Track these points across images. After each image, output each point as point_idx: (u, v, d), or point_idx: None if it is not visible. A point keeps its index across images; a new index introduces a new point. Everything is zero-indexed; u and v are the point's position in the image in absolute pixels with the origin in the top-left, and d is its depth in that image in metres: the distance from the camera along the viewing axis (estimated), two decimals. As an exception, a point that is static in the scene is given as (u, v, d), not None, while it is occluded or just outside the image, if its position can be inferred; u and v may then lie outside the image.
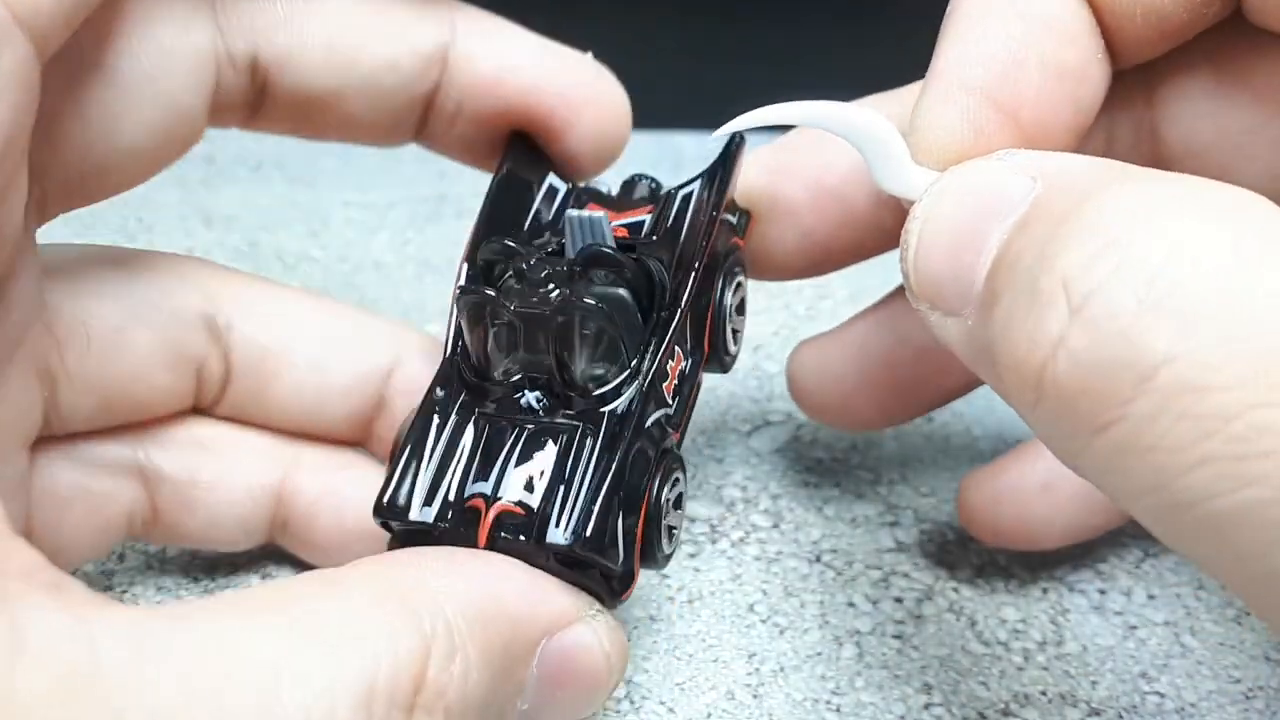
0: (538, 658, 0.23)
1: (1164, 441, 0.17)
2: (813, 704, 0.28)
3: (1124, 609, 0.31)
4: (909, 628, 0.30)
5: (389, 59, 0.26)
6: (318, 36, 0.26)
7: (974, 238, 0.20)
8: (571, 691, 0.24)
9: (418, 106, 0.28)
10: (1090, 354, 0.18)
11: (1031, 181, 0.20)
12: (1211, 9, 0.24)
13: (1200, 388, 0.16)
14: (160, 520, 0.28)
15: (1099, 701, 0.28)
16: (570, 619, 0.24)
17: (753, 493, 0.35)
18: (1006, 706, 0.28)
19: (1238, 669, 0.29)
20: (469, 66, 0.27)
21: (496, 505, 0.23)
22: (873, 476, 0.35)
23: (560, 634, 0.23)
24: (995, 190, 0.21)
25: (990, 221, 0.20)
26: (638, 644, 0.30)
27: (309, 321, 0.29)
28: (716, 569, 0.32)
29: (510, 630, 0.22)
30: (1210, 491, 0.17)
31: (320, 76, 0.26)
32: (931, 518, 0.34)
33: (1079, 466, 0.19)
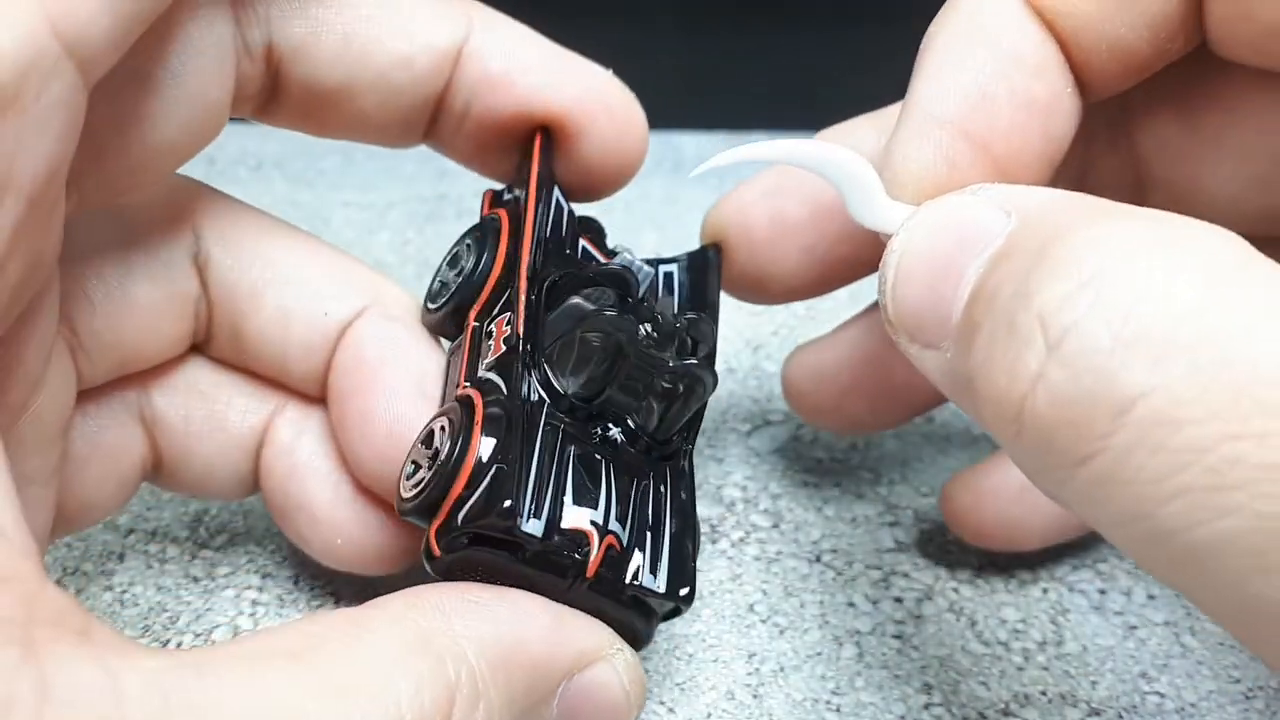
0: (559, 697, 0.23)
1: (1142, 474, 0.17)
2: (813, 704, 0.28)
3: (1124, 609, 0.31)
4: (909, 628, 0.30)
5: (404, 55, 0.26)
6: (334, 27, 0.26)
7: (951, 270, 0.21)
8: None
9: (429, 106, 0.27)
10: (1068, 388, 0.18)
11: (1006, 216, 0.21)
12: (1175, 44, 0.24)
13: (1175, 421, 0.17)
14: (164, 468, 0.28)
15: (1099, 701, 0.28)
16: (592, 659, 0.24)
17: (753, 493, 0.35)
18: (1006, 706, 0.28)
19: (1238, 669, 0.29)
20: (480, 64, 0.27)
21: (609, 537, 0.23)
22: (873, 476, 0.35)
23: (582, 673, 0.24)
24: (971, 224, 0.21)
25: (967, 254, 0.21)
26: (638, 644, 0.30)
27: (283, 262, 0.28)
28: (716, 569, 0.32)
29: (533, 672, 0.23)
30: (1188, 522, 0.17)
31: (334, 69, 0.26)
32: (931, 518, 0.34)
33: (1061, 497, 0.19)
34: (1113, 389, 0.17)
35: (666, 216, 0.49)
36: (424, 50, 0.26)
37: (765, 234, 0.30)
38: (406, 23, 0.26)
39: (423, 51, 0.26)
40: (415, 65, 0.26)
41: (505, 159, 0.29)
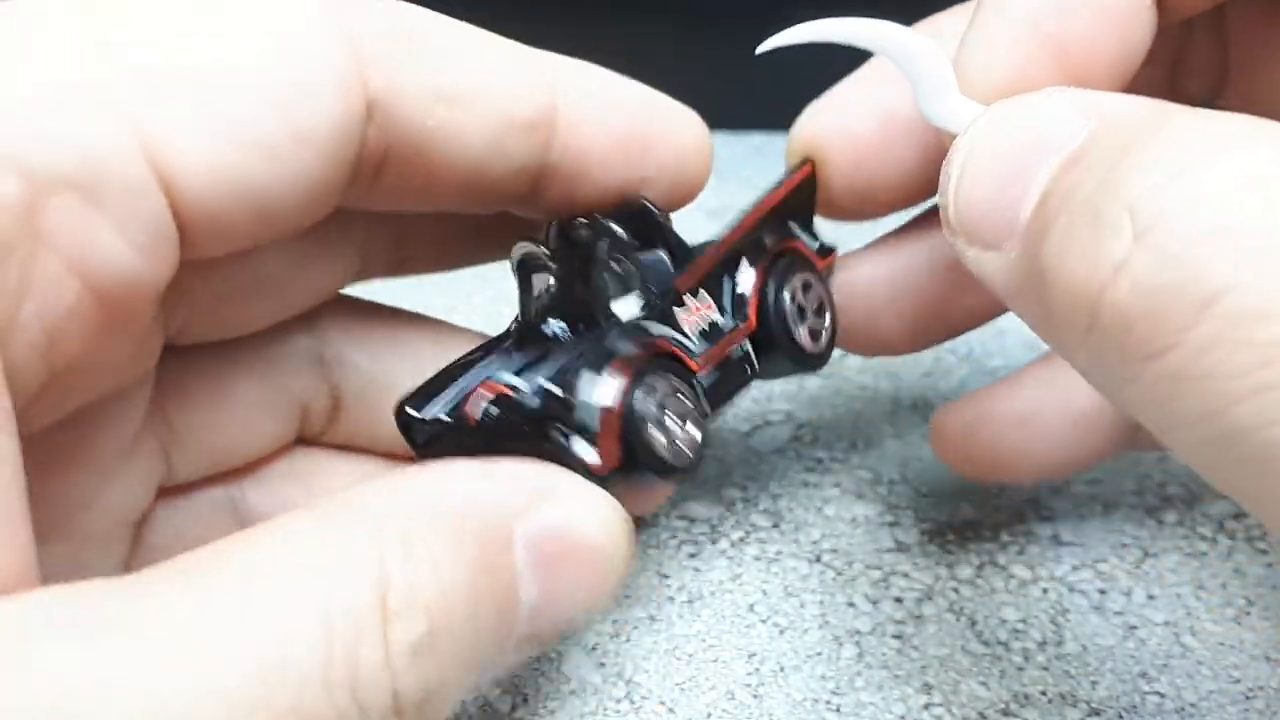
0: (521, 543, 0.22)
1: (1220, 368, 0.17)
2: (813, 704, 0.28)
3: (1124, 609, 0.31)
4: (909, 628, 0.30)
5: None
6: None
7: (1021, 171, 0.20)
8: (575, 570, 0.22)
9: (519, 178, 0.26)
10: (1153, 278, 0.17)
11: (1084, 119, 0.20)
12: None
13: (1263, 315, 0.16)
14: None
15: (1099, 701, 0.28)
16: (545, 496, 0.22)
17: (753, 493, 0.35)
18: (1006, 706, 0.28)
19: (1238, 669, 0.29)
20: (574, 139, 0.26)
21: (491, 384, 0.24)
22: (873, 476, 0.35)
23: (539, 513, 0.22)
24: (1046, 125, 0.20)
25: (1040, 155, 0.20)
26: (637, 644, 0.30)
27: (419, 348, 0.28)
28: (716, 569, 0.32)
29: (474, 520, 0.21)
30: (1264, 420, 0.17)
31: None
32: (931, 518, 0.34)
33: (1124, 397, 0.19)
34: (1201, 280, 0.17)
35: (666, 216, 0.49)
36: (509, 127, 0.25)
37: (875, 137, 0.28)
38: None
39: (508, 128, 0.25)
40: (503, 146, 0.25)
41: None
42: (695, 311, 0.27)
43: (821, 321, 0.29)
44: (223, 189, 0.20)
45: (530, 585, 0.22)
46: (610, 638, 0.30)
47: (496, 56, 0.24)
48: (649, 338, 0.25)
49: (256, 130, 0.21)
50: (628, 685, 0.28)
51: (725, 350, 0.27)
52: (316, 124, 0.21)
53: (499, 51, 0.25)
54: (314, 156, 0.21)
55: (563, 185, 0.26)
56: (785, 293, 0.28)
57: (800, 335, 0.28)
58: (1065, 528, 0.33)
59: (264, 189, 0.21)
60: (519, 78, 0.25)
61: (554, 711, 0.28)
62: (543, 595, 0.22)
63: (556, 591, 0.22)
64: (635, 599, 0.31)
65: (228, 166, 0.20)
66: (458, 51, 0.24)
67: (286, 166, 0.21)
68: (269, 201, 0.21)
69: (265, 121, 0.21)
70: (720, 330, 0.27)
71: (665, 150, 0.27)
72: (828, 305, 0.29)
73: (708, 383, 0.26)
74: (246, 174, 0.21)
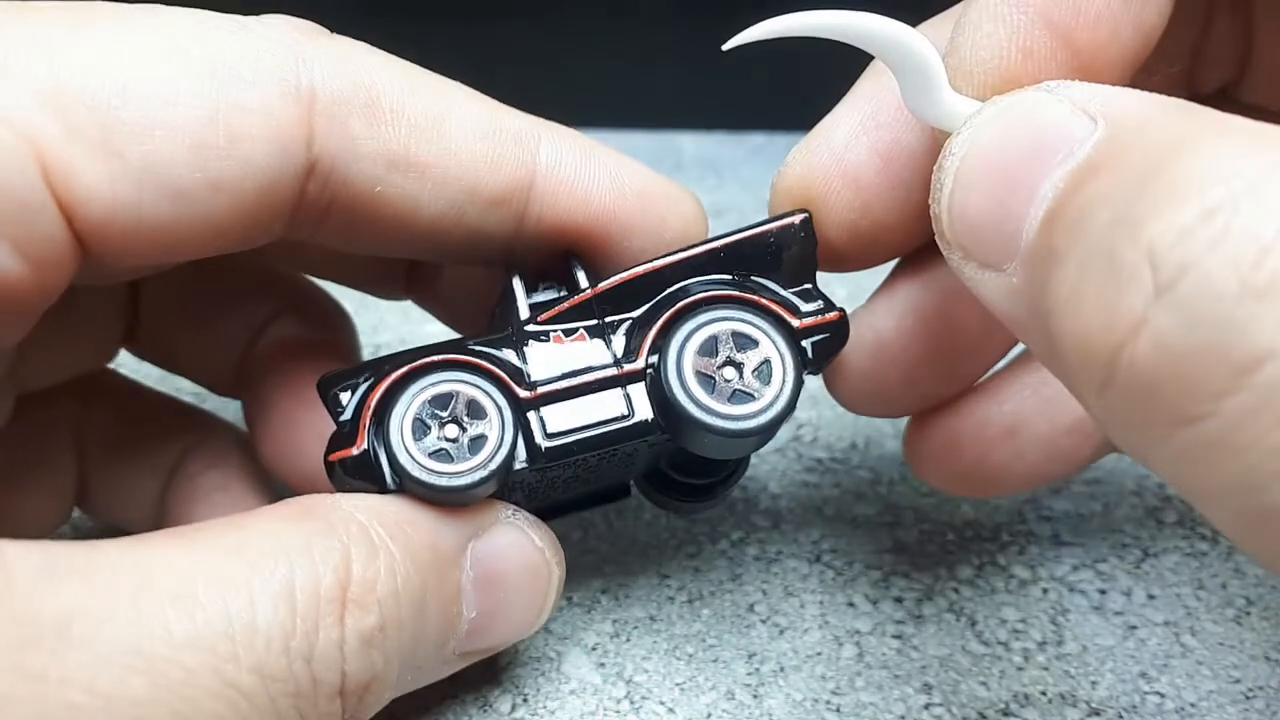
0: (470, 560, 0.24)
1: (1261, 443, 0.15)
2: (813, 704, 0.28)
3: (1124, 609, 0.31)
4: (909, 628, 0.30)
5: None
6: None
7: (1024, 180, 0.18)
8: (514, 591, 0.24)
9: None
10: (1180, 339, 0.15)
11: (1092, 121, 0.18)
12: None
13: None
14: None
15: (1099, 701, 0.28)
16: (489, 519, 0.24)
17: (753, 493, 0.35)
18: (1006, 706, 0.28)
19: (1238, 669, 0.29)
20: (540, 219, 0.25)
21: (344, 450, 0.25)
22: (873, 476, 0.35)
23: (487, 535, 0.24)
24: (1050, 126, 0.18)
25: (1043, 163, 0.18)
26: (638, 644, 0.30)
27: None
28: (716, 569, 0.32)
29: (432, 531, 0.23)
30: None
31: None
32: (931, 518, 0.34)
33: (1150, 459, 0.17)
34: (1237, 343, 0.15)
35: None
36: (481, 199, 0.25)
37: (877, 176, 0.24)
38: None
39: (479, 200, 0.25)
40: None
41: None
42: (557, 343, 0.25)
43: (761, 385, 0.25)
44: (127, 224, 0.21)
45: (472, 603, 0.24)
46: (610, 638, 0.30)
47: (471, 128, 0.24)
48: (460, 353, 0.25)
49: (168, 174, 0.21)
50: (628, 685, 0.28)
51: (584, 385, 0.25)
52: (241, 176, 0.21)
53: (474, 122, 0.24)
54: (230, 203, 0.22)
55: (534, 254, 0.26)
56: (690, 341, 0.25)
57: (699, 393, 0.24)
58: (1065, 528, 0.33)
59: (175, 226, 0.21)
60: (491, 152, 0.24)
61: (554, 711, 0.28)
62: (481, 615, 0.24)
63: (498, 608, 0.24)
64: (635, 599, 0.31)
65: (133, 204, 0.21)
66: (426, 119, 0.23)
67: (197, 210, 0.21)
68: (174, 239, 0.22)
69: (179, 166, 0.21)
70: (590, 366, 0.25)
71: (652, 233, 0.26)
72: (780, 370, 0.25)
73: (555, 415, 0.24)
74: (152, 212, 0.21)
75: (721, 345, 0.25)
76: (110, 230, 0.21)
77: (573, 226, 0.25)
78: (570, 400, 0.25)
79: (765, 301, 0.25)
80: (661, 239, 0.26)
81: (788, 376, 0.25)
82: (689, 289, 0.25)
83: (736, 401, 0.24)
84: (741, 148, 0.53)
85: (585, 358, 0.25)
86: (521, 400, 0.24)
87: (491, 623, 0.24)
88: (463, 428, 0.24)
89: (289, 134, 0.22)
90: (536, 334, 0.25)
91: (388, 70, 0.23)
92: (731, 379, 0.25)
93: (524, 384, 0.25)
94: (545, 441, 0.24)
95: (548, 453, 0.24)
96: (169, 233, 0.21)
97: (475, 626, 0.24)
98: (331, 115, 0.22)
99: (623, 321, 0.26)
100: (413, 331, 0.41)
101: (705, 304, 0.25)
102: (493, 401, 0.24)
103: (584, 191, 0.25)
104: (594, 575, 0.32)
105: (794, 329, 0.25)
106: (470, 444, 0.24)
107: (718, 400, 0.24)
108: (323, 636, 0.20)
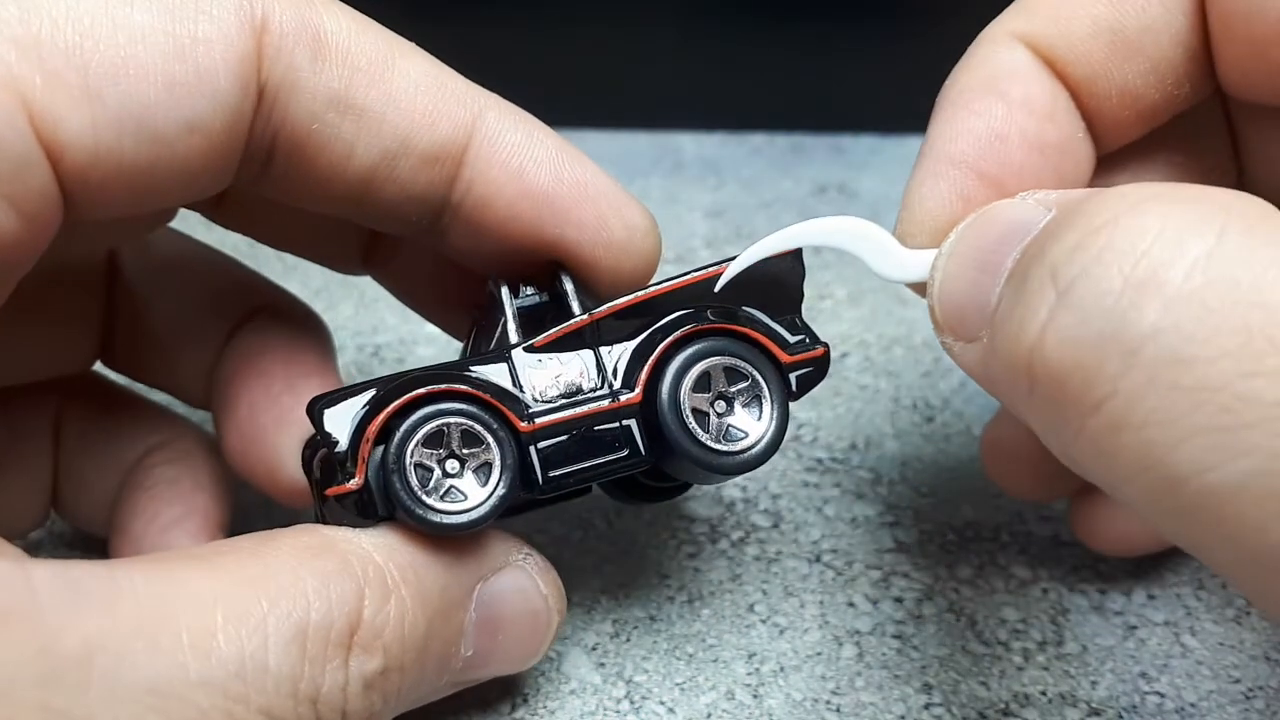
0: (475, 601, 0.24)
1: (1154, 416, 0.17)
2: (813, 704, 0.28)
3: (1124, 609, 0.31)
4: (909, 628, 0.30)
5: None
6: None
7: (993, 261, 0.21)
8: (513, 634, 0.25)
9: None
10: (1077, 331, 0.18)
11: (1047, 210, 0.21)
12: (1183, 90, 0.25)
13: (1186, 359, 0.17)
14: None
15: (1099, 701, 0.28)
16: (499, 562, 0.25)
17: (753, 493, 0.35)
18: (1006, 706, 0.28)
19: (1238, 669, 0.29)
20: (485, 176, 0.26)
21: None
22: (873, 476, 0.35)
23: (495, 578, 0.25)
24: (1015, 218, 0.22)
25: (1008, 246, 0.21)
26: (638, 644, 0.30)
27: (186, 265, 0.30)
28: (716, 569, 0.32)
29: (445, 575, 0.24)
30: (1202, 465, 0.17)
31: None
32: (931, 517, 0.34)
33: (1074, 456, 0.19)
34: (1122, 330, 0.17)
35: (667, 216, 0.49)
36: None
37: None
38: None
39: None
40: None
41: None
42: (549, 376, 0.25)
43: (751, 418, 0.25)
44: (108, 168, 0.21)
45: (470, 642, 0.24)
46: (610, 638, 0.30)
47: (414, 79, 0.24)
48: (455, 379, 0.24)
49: (145, 116, 0.21)
50: (628, 685, 0.28)
51: (580, 417, 0.25)
52: (212, 114, 0.22)
53: (418, 75, 0.24)
54: (204, 144, 0.22)
55: (465, 226, 0.26)
56: (688, 374, 0.25)
57: (698, 432, 0.25)
58: (1065, 528, 0.33)
59: (147, 170, 0.22)
60: (430, 106, 0.24)
61: (554, 711, 0.28)
62: (481, 652, 0.25)
63: (494, 649, 0.25)
64: (635, 599, 0.31)
65: (113, 148, 0.21)
66: (370, 64, 0.24)
67: (175, 152, 0.22)
68: (151, 181, 0.22)
69: (155, 107, 0.21)
70: (584, 396, 0.25)
71: (590, 227, 0.26)
72: (769, 404, 0.25)
73: (553, 447, 0.24)
74: (130, 155, 0.21)
75: (714, 381, 0.25)
76: (91, 177, 0.21)
77: (503, 203, 0.25)
78: (568, 433, 0.25)
79: (757, 335, 0.26)
80: (601, 239, 0.26)
81: (776, 411, 0.26)
82: (682, 320, 0.26)
83: (729, 438, 0.25)
84: (741, 148, 0.53)
85: (581, 387, 0.25)
86: (521, 433, 0.24)
87: (487, 660, 0.25)
88: (462, 461, 0.24)
89: (248, 67, 0.22)
90: (532, 359, 0.25)
91: (338, 13, 0.24)
92: (723, 413, 0.25)
93: (523, 417, 0.25)
94: (544, 475, 0.25)
95: (546, 484, 0.25)
96: (145, 177, 0.22)
97: (469, 662, 0.25)
98: (279, 47, 0.23)
99: (617, 348, 0.26)
100: (412, 332, 0.41)
101: (699, 336, 0.26)
102: (493, 436, 0.24)
103: (518, 166, 0.25)
104: (594, 575, 0.32)
105: (781, 363, 0.26)
106: (472, 479, 0.24)
107: (712, 438, 0.25)
108: (329, 679, 0.21)
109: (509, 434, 0.24)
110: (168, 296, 0.29)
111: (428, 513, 0.23)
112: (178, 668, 0.19)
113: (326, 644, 0.21)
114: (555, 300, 0.26)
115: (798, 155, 0.53)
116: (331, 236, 0.29)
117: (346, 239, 0.29)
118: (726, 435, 0.25)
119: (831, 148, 0.54)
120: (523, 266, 0.27)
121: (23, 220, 0.20)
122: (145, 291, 0.29)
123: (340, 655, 0.21)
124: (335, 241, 0.30)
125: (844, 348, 0.41)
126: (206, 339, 0.29)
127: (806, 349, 0.26)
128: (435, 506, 0.24)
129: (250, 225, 0.29)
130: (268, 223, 0.29)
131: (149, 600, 0.19)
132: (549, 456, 0.25)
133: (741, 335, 0.26)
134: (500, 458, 0.24)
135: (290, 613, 0.20)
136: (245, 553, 0.21)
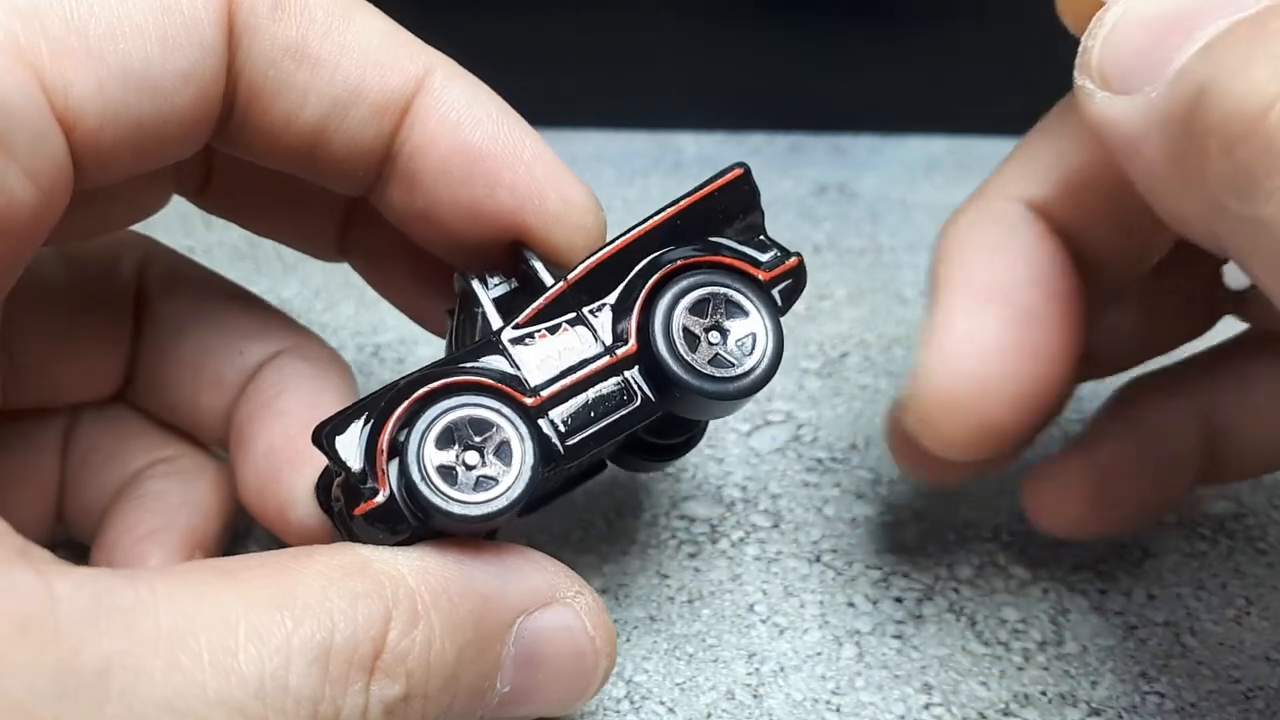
0: (514, 636, 0.23)
1: None
2: (813, 704, 0.28)
3: (1124, 609, 0.31)
4: (909, 628, 0.30)
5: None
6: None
7: (1185, 24, 0.21)
8: (554, 674, 0.24)
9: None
10: None
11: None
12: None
13: None
14: None
15: (1099, 701, 0.28)
16: (545, 598, 0.24)
17: (753, 493, 0.35)
18: (1006, 706, 0.28)
19: (1238, 669, 0.29)
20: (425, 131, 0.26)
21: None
22: (873, 476, 0.35)
23: (538, 614, 0.24)
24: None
25: (1211, 15, 0.20)
26: (638, 644, 0.30)
27: (207, 302, 0.30)
28: (716, 569, 0.32)
29: (480, 605, 0.23)
30: None
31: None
32: (931, 518, 0.34)
33: (1256, 216, 0.19)
34: None
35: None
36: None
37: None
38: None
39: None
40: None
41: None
42: (543, 340, 0.25)
43: (744, 343, 0.25)
44: (116, 129, 0.21)
45: (508, 679, 0.23)
46: (610, 638, 0.30)
47: (369, 34, 0.25)
48: (452, 372, 0.24)
49: (145, 73, 0.21)
50: (628, 685, 0.28)
51: (583, 379, 0.25)
52: (204, 64, 0.22)
53: (373, 30, 0.25)
54: (198, 93, 0.22)
55: (400, 179, 0.26)
56: (676, 310, 0.25)
57: (691, 356, 0.25)
58: (1065, 528, 0.33)
59: (150, 126, 0.22)
60: (382, 56, 0.25)
61: (554, 711, 0.28)
62: (519, 689, 0.24)
63: (534, 688, 0.24)
64: (635, 599, 0.31)
65: (120, 108, 0.21)
66: (327, 17, 0.24)
67: (170, 104, 0.22)
68: (153, 138, 0.22)
69: (153, 63, 0.21)
70: (581, 360, 0.25)
71: (522, 192, 0.26)
72: (763, 326, 0.26)
73: (564, 415, 0.24)
74: (135, 113, 0.21)
75: (705, 313, 0.25)
76: (101, 140, 0.21)
77: (437, 155, 0.25)
78: (575, 398, 0.25)
79: (731, 260, 0.26)
80: (534, 206, 0.26)
81: (769, 328, 0.26)
82: (658, 261, 0.26)
83: (724, 364, 0.25)
84: (741, 148, 0.53)
85: (576, 351, 0.25)
86: (529, 408, 0.24)
87: (526, 699, 0.24)
88: (481, 451, 0.24)
89: (224, 15, 0.23)
90: (520, 338, 0.25)
91: None
92: (717, 342, 0.25)
93: (526, 392, 0.24)
94: (562, 444, 0.24)
95: (567, 453, 0.24)
96: (150, 134, 0.22)
97: (506, 699, 0.24)
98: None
99: (600, 306, 0.26)
100: (413, 332, 0.41)
101: (678, 273, 0.26)
102: (504, 417, 0.24)
103: (455, 120, 0.25)
104: (594, 575, 0.32)
105: (761, 281, 0.26)
106: (497, 462, 0.24)
107: (712, 366, 0.25)
108: (349, 703, 0.20)
109: (520, 413, 0.24)
110: (195, 332, 0.29)
111: (460, 507, 0.23)
112: (196, 686, 0.19)
113: (349, 666, 0.20)
114: (525, 283, 0.26)
115: (797, 155, 0.53)
116: (306, 219, 0.30)
117: (322, 221, 0.30)
118: (728, 361, 0.25)
119: (831, 148, 0.54)
120: (481, 255, 0.27)
121: (41, 193, 0.21)
122: (173, 323, 0.29)
123: (362, 679, 0.21)
124: (309, 224, 0.30)
125: (844, 348, 0.41)
126: (229, 376, 0.29)
127: (780, 262, 0.27)
128: (466, 499, 0.23)
129: (233, 210, 0.29)
130: (249, 206, 0.29)
131: (171, 616, 0.19)
132: (563, 425, 0.24)
133: (717, 264, 0.26)
134: (517, 431, 0.24)
135: (315, 633, 0.20)
136: (275, 568, 0.21)
